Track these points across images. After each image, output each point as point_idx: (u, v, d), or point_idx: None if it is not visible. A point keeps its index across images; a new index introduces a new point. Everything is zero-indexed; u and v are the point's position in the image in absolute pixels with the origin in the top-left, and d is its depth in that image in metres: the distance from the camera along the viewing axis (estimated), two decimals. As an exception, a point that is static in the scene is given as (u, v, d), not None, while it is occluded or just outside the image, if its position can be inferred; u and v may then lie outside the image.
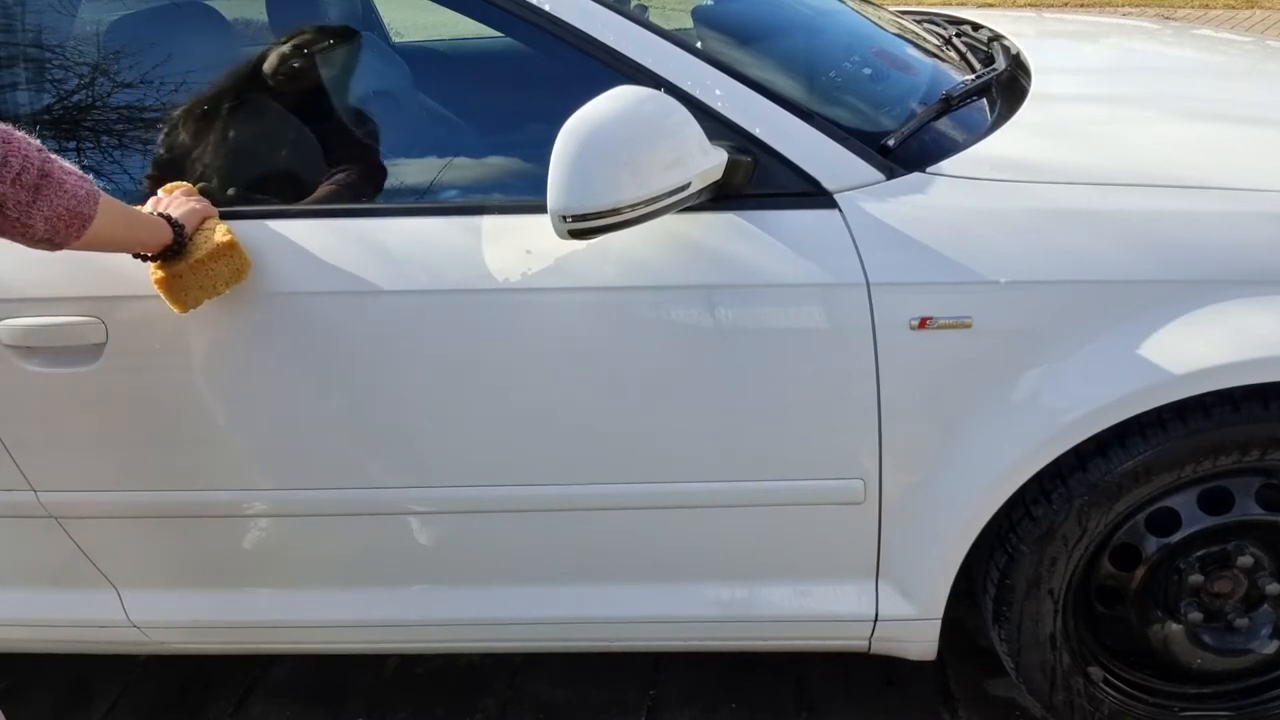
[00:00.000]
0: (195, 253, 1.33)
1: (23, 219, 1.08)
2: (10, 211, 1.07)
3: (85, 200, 1.13)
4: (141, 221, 1.28)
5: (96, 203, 1.15)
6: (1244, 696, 1.59)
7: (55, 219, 1.11)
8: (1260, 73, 1.96)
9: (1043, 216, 1.32)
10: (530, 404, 1.40)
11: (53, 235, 1.13)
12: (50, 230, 1.12)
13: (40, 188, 1.07)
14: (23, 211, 1.07)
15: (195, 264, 1.32)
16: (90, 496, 1.53)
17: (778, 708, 1.81)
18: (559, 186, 1.18)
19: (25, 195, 1.06)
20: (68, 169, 1.12)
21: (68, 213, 1.11)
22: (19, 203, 1.06)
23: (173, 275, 1.32)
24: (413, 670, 1.96)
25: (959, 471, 1.38)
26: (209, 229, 1.36)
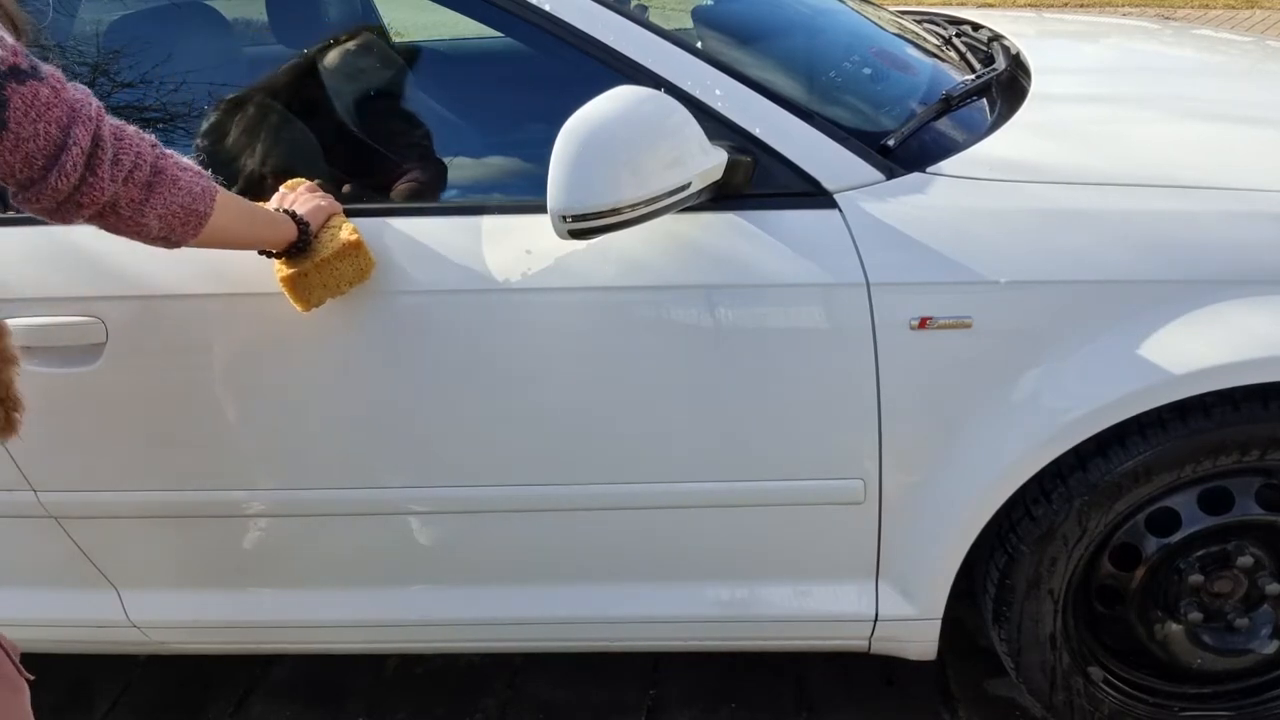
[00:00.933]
0: (320, 251, 1.31)
1: (136, 218, 1.06)
2: (124, 210, 1.04)
3: (201, 197, 1.10)
4: (264, 218, 1.25)
5: (213, 200, 1.11)
6: (1244, 696, 1.59)
7: (170, 217, 1.08)
8: (1260, 73, 1.96)
9: (1043, 216, 1.32)
10: (530, 404, 1.40)
11: (168, 234, 1.10)
12: (165, 229, 1.09)
13: (153, 185, 1.04)
14: (136, 210, 1.05)
15: (320, 263, 1.30)
16: (90, 496, 1.53)
17: (778, 708, 1.81)
18: (559, 186, 1.18)
19: (138, 193, 1.03)
20: (184, 165, 1.09)
21: (183, 210, 1.08)
22: (132, 201, 1.03)
23: (298, 274, 1.30)
24: (413, 670, 1.96)
25: (959, 471, 1.38)
26: (334, 227, 1.33)
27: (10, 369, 1.18)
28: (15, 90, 0.92)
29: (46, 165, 0.96)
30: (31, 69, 0.93)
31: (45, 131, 0.94)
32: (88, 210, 1.01)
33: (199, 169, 1.12)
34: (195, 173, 1.10)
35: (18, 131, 0.93)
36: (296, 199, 1.35)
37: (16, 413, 1.21)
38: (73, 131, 0.95)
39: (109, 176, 0.99)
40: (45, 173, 0.96)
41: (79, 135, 0.96)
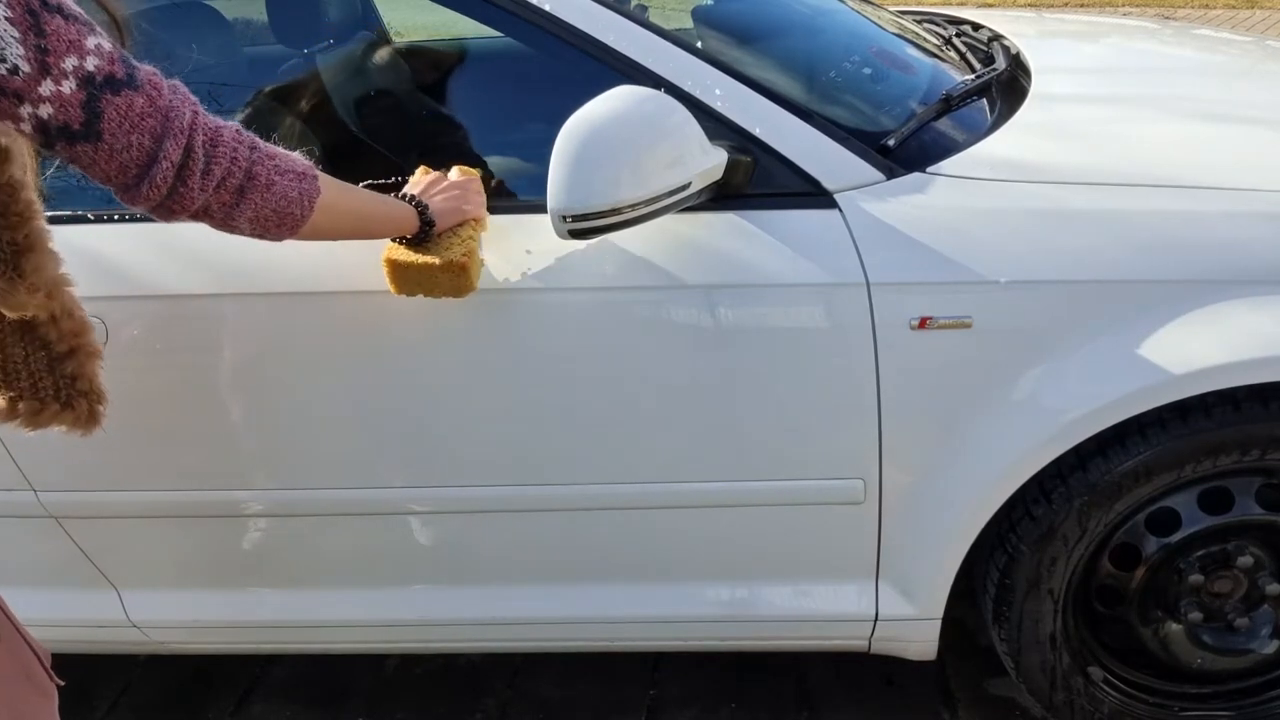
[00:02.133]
0: (430, 252, 1.29)
1: (227, 221, 1.06)
2: (215, 214, 1.04)
3: (297, 201, 1.08)
4: (380, 215, 1.23)
5: (313, 203, 1.10)
6: (1244, 696, 1.59)
7: (260, 220, 1.07)
8: (1260, 73, 1.96)
9: (1043, 216, 1.32)
10: (530, 404, 1.40)
11: (261, 234, 1.10)
12: (258, 230, 1.09)
13: (245, 191, 1.03)
14: (226, 214, 1.04)
15: (423, 265, 1.28)
16: (90, 496, 1.53)
17: (778, 708, 1.81)
18: (559, 186, 1.18)
19: (229, 198, 1.03)
20: (282, 168, 1.07)
21: (276, 214, 1.07)
22: (223, 205, 1.03)
23: (401, 260, 1.29)
24: (413, 670, 1.96)
25: (959, 471, 1.38)
26: (465, 236, 1.30)
27: (94, 363, 1.19)
28: (110, 101, 0.92)
29: (139, 175, 0.96)
30: (128, 77, 0.93)
31: (138, 143, 0.94)
32: (181, 216, 1.02)
33: (304, 170, 1.10)
34: (296, 175, 1.08)
35: (111, 143, 0.93)
36: (446, 191, 1.30)
37: (100, 405, 1.22)
38: (164, 144, 0.95)
39: (199, 187, 0.99)
40: (139, 181, 0.96)
41: (170, 149, 0.96)
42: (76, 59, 0.89)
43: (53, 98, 0.89)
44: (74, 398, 1.18)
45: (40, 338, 1.17)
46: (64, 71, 0.89)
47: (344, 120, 1.62)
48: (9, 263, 1.06)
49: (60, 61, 0.88)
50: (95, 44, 0.91)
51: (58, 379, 1.18)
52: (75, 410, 1.18)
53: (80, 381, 1.16)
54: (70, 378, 1.17)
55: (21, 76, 0.87)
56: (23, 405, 1.20)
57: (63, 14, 0.88)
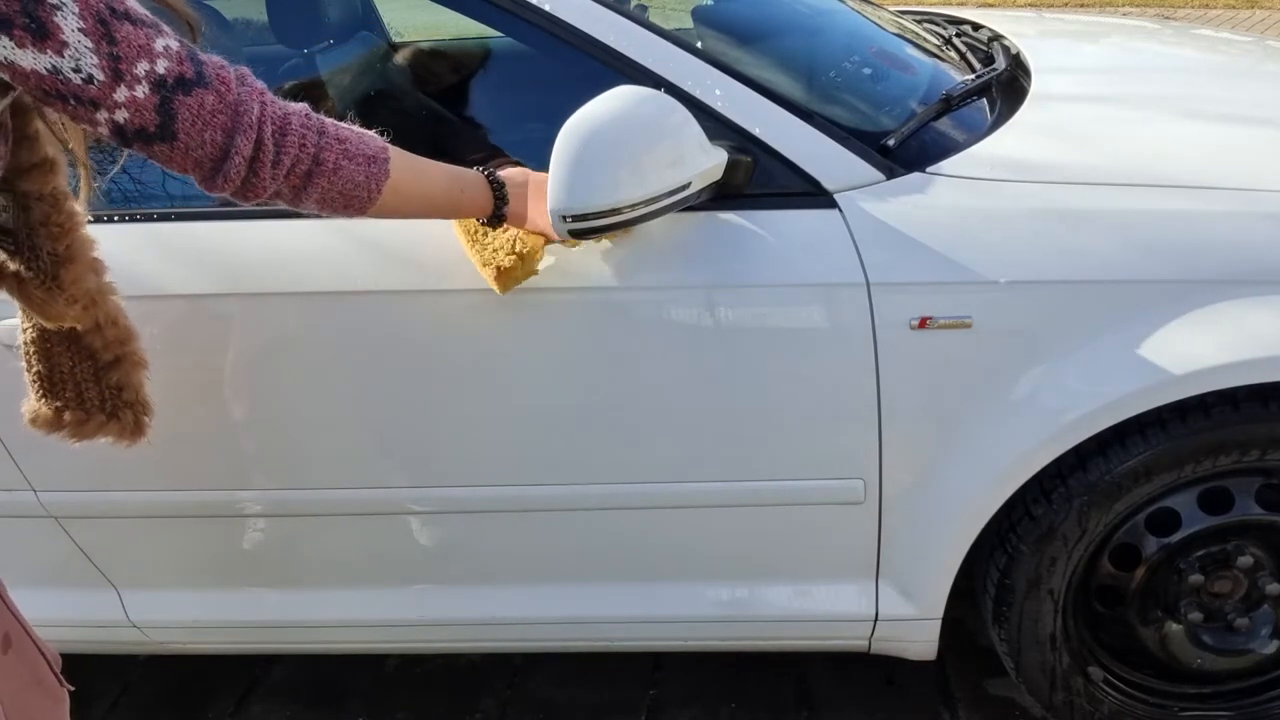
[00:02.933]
0: (481, 242, 1.30)
1: (295, 202, 1.07)
2: (285, 196, 1.06)
3: (364, 185, 1.09)
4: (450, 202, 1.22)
5: (380, 185, 1.10)
6: (1244, 696, 1.59)
7: (327, 201, 1.08)
8: (1260, 73, 1.96)
9: (1043, 216, 1.32)
10: (530, 404, 1.40)
11: (329, 213, 1.11)
12: (325, 210, 1.09)
13: (312, 175, 1.04)
14: (294, 196, 1.06)
15: (480, 247, 1.29)
16: (90, 496, 1.53)
17: (778, 708, 1.81)
18: (559, 186, 1.18)
19: (298, 182, 1.04)
20: (351, 152, 1.07)
21: (341, 196, 1.08)
22: (292, 188, 1.05)
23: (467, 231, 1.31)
24: (413, 670, 1.96)
25: (959, 471, 1.38)
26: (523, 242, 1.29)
27: (140, 372, 1.19)
28: (183, 102, 0.93)
29: (214, 169, 0.98)
30: (197, 75, 0.94)
31: (211, 139, 0.96)
32: (254, 200, 1.03)
33: (374, 154, 1.09)
34: (366, 159, 1.08)
35: (187, 142, 0.95)
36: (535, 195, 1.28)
37: (146, 416, 1.22)
38: (235, 140, 0.97)
39: (269, 176, 1.01)
40: (214, 174, 0.98)
41: (241, 144, 0.97)
42: (148, 63, 0.91)
43: (127, 103, 0.90)
44: (119, 408, 1.19)
45: (86, 346, 1.17)
46: (136, 77, 0.90)
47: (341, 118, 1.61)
48: (48, 273, 1.07)
49: (133, 67, 0.90)
50: (164, 46, 0.92)
51: (103, 389, 1.18)
52: (121, 421, 1.18)
53: (126, 392, 1.16)
54: (116, 388, 1.17)
55: (96, 85, 0.89)
56: (68, 415, 1.20)
57: (131, 20, 0.90)
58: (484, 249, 1.30)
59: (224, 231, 1.40)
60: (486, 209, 1.24)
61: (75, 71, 0.87)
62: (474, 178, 1.23)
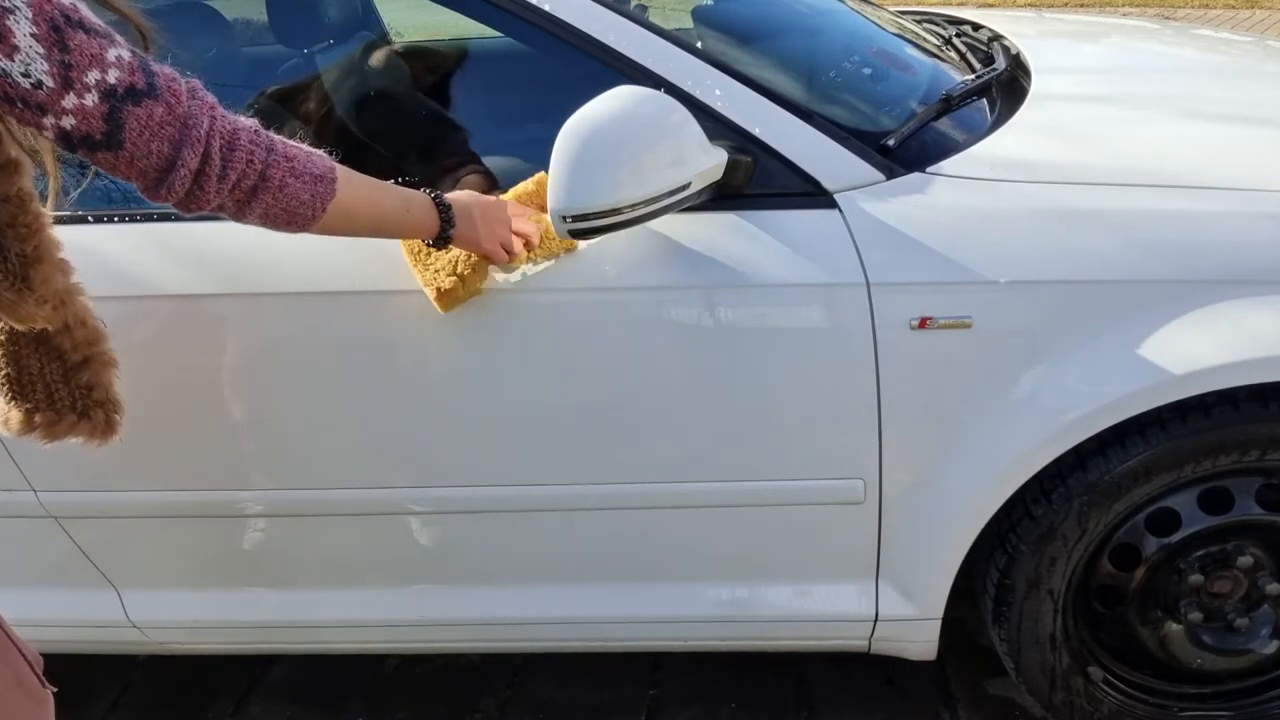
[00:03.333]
0: (425, 261, 1.32)
1: (238, 216, 1.08)
2: (228, 210, 1.07)
3: (308, 204, 1.10)
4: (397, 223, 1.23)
5: (325, 204, 1.11)
6: (1243, 696, 1.59)
7: (270, 217, 1.09)
8: (1260, 73, 1.96)
9: (1043, 216, 1.32)
10: (530, 404, 1.40)
11: (271, 228, 1.12)
12: (268, 225, 1.11)
13: (258, 191, 1.05)
14: (239, 210, 1.07)
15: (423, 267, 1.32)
16: (90, 496, 1.53)
17: (778, 708, 1.81)
18: (559, 186, 1.18)
19: (243, 196, 1.05)
20: (299, 170, 1.08)
21: (285, 213, 1.09)
22: (236, 202, 1.06)
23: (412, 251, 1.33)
24: (413, 670, 1.96)
25: (959, 471, 1.38)
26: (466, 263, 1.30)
27: (110, 372, 1.19)
28: (131, 112, 0.94)
29: (159, 179, 0.98)
30: (148, 86, 0.95)
31: (158, 150, 0.96)
32: (197, 211, 1.04)
33: (322, 173, 1.10)
34: (313, 178, 1.09)
35: (132, 151, 0.95)
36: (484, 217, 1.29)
37: (117, 414, 1.22)
38: (182, 152, 0.98)
39: (214, 190, 1.02)
40: (158, 184, 0.99)
41: (187, 157, 0.98)
42: (99, 72, 0.91)
43: (75, 110, 0.91)
44: (90, 408, 1.19)
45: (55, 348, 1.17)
46: (87, 85, 0.90)
47: (343, 120, 1.62)
48: (17, 274, 1.07)
49: (83, 75, 0.90)
50: (116, 56, 0.92)
51: (73, 389, 1.18)
52: (92, 420, 1.18)
53: (96, 391, 1.16)
54: (86, 388, 1.17)
55: (45, 91, 0.89)
56: (39, 417, 1.20)
57: (85, 29, 0.90)
58: (426, 269, 1.32)
59: (222, 232, 1.40)
60: (432, 230, 1.26)
61: (24, 76, 0.88)
62: (421, 199, 1.25)
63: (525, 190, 1.37)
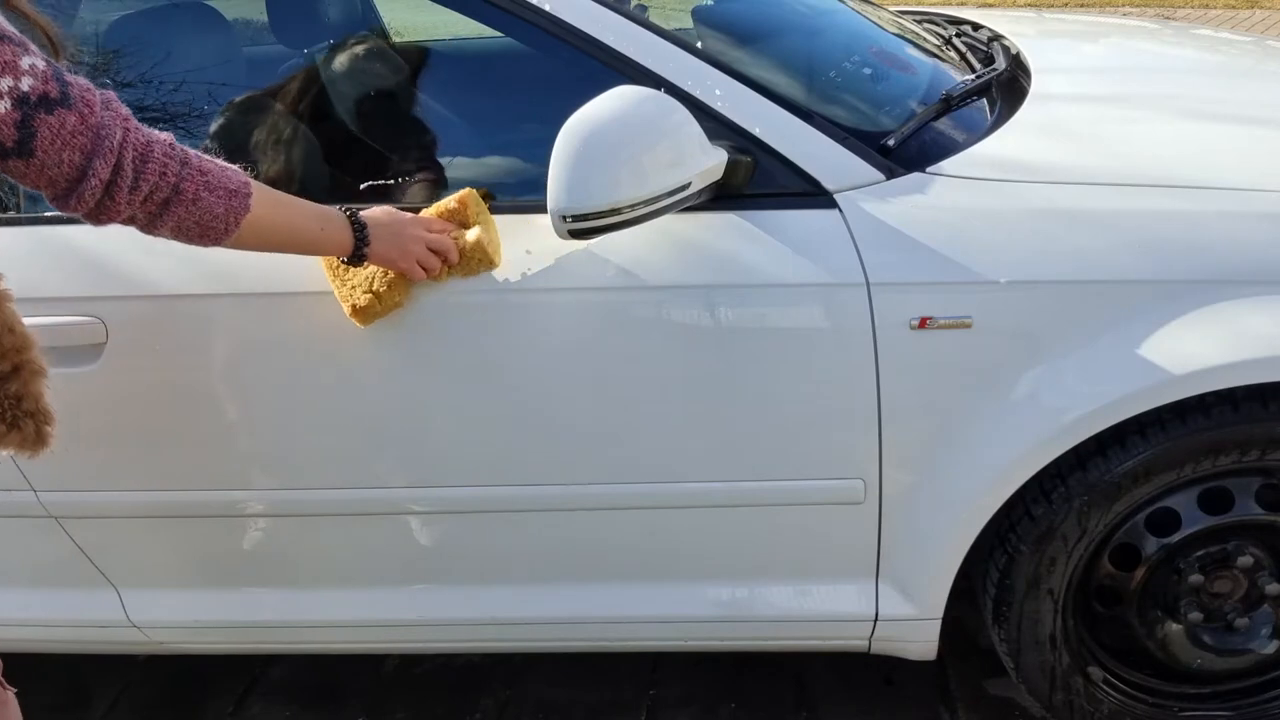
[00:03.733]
0: (342, 277, 1.33)
1: (149, 228, 1.09)
2: (140, 222, 1.07)
3: (221, 218, 1.11)
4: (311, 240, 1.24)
5: (239, 219, 1.13)
6: (1243, 696, 1.59)
7: (182, 231, 1.10)
8: (1260, 73, 1.96)
9: (1043, 216, 1.32)
10: (530, 404, 1.40)
11: (184, 242, 1.12)
12: (179, 238, 1.11)
13: (170, 203, 1.06)
14: (149, 223, 1.08)
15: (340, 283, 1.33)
16: (90, 496, 1.53)
17: (778, 708, 1.81)
18: (559, 186, 1.18)
19: (154, 209, 1.06)
20: (213, 184, 1.09)
21: (198, 226, 1.10)
22: (148, 214, 1.07)
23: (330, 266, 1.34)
24: (412, 670, 1.96)
25: (959, 471, 1.38)
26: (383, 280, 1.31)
27: (39, 381, 1.18)
28: (44, 120, 0.94)
29: (69, 189, 0.99)
30: (61, 95, 0.95)
31: (69, 159, 0.97)
32: (107, 223, 1.05)
33: (236, 188, 1.11)
34: (227, 192, 1.10)
35: (44, 159, 0.96)
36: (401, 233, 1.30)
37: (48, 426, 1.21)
38: (94, 162, 0.98)
39: (125, 201, 1.02)
40: (68, 194, 0.99)
41: (99, 167, 0.98)
42: (11, 80, 0.92)
43: None
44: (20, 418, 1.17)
45: None
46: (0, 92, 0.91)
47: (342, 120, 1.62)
48: None
49: None
50: (30, 64, 0.93)
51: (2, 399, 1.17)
52: (22, 431, 1.16)
53: (26, 401, 1.14)
54: (15, 398, 1.15)
55: None
56: None
57: None
58: (343, 284, 1.33)
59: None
60: (347, 248, 1.27)
61: None
62: (336, 217, 1.26)
63: (447, 207, 1.36)
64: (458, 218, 1.36)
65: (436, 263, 1.33)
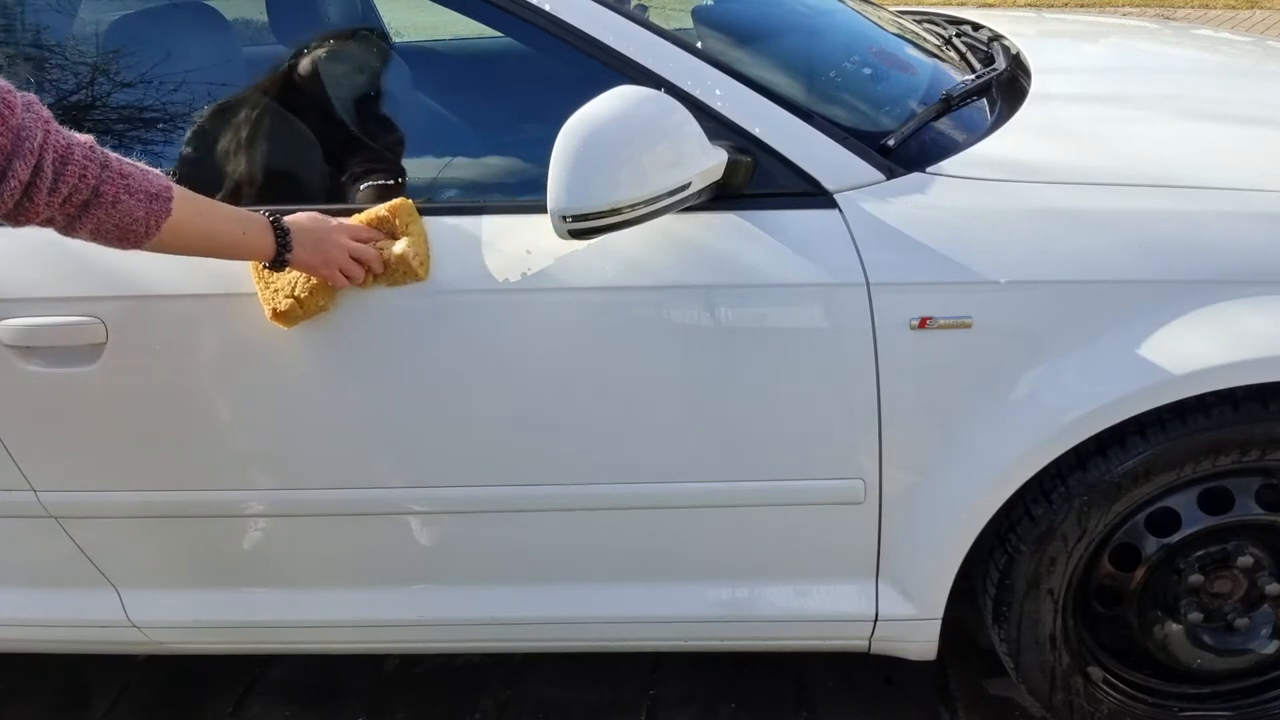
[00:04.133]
0: (266, 279, 1.34)
1: (68, 230, 1.09)
2: (58, 224, 1.08)
3: (142, 221, 1.11)
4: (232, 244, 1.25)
5: (159, 223, 1.13)
6: (1243, 696, 1.59)
7: (101, 233, 1.11)
8: (1260, 73, 1.96)
9: (1043, 216, 1.32)
10: (530, 404, 1.40)
11: (102, 244, 1.13)
12: (99, 241, 1.12)
13: (89, 206, 1.07)
14: (68, 225, 1.08)
15: (264, 286, 1.34)
16: (90, 496, 1.53)
17: (778, 708, 1.81)
18: (559, 186, 1.18)
19: (74, 211, 1.07)
20: (134, 188, 1.10)
21: (118, 229, 1.11)
22: (67, 217, 1.07)
23: (255, 270, 1.34)
24: (412, 670, 1.96)
25: (959, 471, 1.38)
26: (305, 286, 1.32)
27: None
28: None
29: None
30: None
31: None
32: (25, 225, 1.06)
33: (157, 192, 1.12)
34: (148, 196, 1.11)
35: None
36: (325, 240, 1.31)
37: None
38: (13, 164, 0.99)
39: (44, 202, 1.03)
40: None
41: (19, 168, 0.99)
42: None
43: None
44: None
45: None
46: None
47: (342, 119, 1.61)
48: None
49: None
50: None
51: None
52: None
53: None
54: None
55: None
56: None
57: None
58: (267, 288, 1.34)
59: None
60: (268, 254, 1.27)
61: None
62: (258, 222, 1.26)
63: (377, 215, 1.36)
64: (386, 227, 1.36)
65: (360, 271, 1.33)
